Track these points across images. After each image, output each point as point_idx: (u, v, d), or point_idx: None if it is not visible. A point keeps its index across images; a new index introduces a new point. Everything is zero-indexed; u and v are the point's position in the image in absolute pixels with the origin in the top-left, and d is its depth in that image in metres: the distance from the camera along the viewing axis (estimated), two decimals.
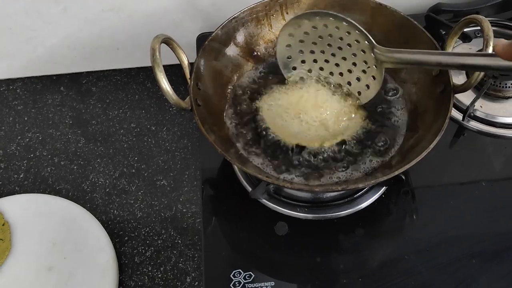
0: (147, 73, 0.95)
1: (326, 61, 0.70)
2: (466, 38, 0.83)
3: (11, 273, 0.69)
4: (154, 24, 0.87)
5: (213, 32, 0.69)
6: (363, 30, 0.63)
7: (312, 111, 0.69)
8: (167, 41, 0.62)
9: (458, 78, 0.80)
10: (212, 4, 0.86)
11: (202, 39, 0.83)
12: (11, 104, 0.91)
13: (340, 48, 0.67)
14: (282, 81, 0.73)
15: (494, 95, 0.78)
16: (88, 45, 0.90)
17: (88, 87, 0.93)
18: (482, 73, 0.61)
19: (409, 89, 0.70)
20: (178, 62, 0.65)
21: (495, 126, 0.76)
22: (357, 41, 0.64)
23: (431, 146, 0.57)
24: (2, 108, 0.91)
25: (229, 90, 0.73)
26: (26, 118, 0.89)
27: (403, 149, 0.65)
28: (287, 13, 0.74)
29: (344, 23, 0.64)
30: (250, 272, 0.64)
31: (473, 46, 0.83)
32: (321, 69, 0.71)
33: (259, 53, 0.76)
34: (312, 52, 0.70)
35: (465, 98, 0.77)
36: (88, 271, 0.69)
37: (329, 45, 0.68)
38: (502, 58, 0.50)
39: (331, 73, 0.70)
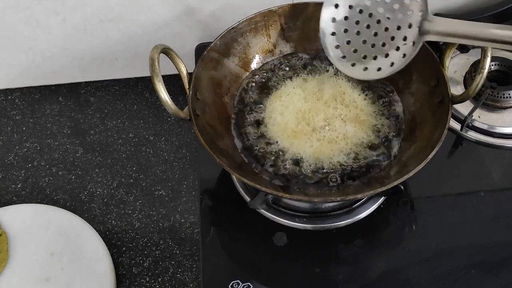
0: (146, 83, 0.95)
1: (368, 26, 0.66)
2: (464, 48, 0.83)
3: (8, 284, 0.68)
4: (153, 34, 0.87)
5: (211, 42, 0.70)
6: None
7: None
8: (166, 51, 0.62)
9: (456, 89, 0.80)
10: (211, 15, 0.86)
11: (200, 49, 0.83)
12: (9, 114, 0.91)
13: (388, 18, 0.64)
14: (281, 90, 0.74)
15: (492, 105, 0.78)
16: (87, 56, 0.90)
17: (86, 97, 0.93)
18: (481, 84, 0.61)
19: (407, 99, 0.70)
20: (177, 72, 0.65)
21: (493, 136, 0.76)
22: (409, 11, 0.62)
23: (430, 156, 0.57)
24: (0, 118, 0.91)
25: (228, 100, 0.73)
26: (24, 128, 0.89)
27: (401, 159, 0.65)
28: (285, 24, 0.75)
29: None
30: (249, 283, 0.64)
31: (471, 56, 0.83)
32: (358, 33, 0.67)
33: (257, 63, 0.76)
34: (357, 22, 0.67)
35: (463, 108, 0.77)
36: (85, 282, 0.68)
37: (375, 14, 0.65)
38: None
39: (364, 41, 0.66)
